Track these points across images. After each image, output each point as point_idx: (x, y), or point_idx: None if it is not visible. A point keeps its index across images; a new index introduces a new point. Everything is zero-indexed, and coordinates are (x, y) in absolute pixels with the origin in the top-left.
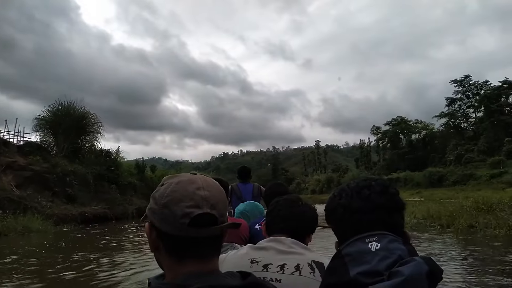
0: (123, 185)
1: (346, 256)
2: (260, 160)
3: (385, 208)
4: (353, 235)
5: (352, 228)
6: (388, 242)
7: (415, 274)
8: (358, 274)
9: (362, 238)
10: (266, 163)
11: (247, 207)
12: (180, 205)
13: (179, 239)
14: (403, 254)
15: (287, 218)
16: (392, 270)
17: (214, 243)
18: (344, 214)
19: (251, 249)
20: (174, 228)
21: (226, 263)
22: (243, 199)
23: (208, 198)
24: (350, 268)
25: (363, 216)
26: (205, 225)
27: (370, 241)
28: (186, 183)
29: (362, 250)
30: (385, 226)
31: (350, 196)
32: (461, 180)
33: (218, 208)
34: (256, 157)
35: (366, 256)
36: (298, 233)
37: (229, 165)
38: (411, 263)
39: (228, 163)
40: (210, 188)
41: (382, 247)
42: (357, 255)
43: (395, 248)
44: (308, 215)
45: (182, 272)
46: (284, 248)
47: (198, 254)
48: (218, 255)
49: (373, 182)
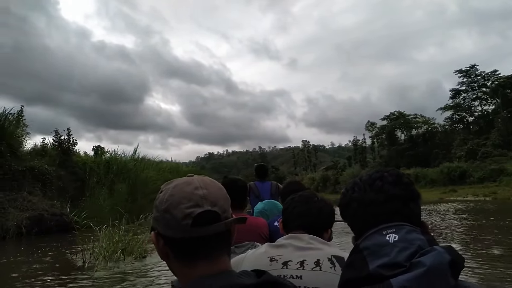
0: (17, 173)
1: (364, 250)
2: (246, 160)
3: (399, 198)
4: (369, 228)
5: (368, 222)
6: (406, 233)
7: (438, 263)
8: (378, 267)
9: (379, 230)
10: (253, 163)
11: (266, 206)
12: (180, 207)
13: (186, 241)
14: (422, 244)
15: (303, 214)
16: (413, 261)
17: (222, 241)
18: (358, 208)
19: (270, 247)
20: (178, 231)
21: (245, 263)
22: (261, 197)
23: (207, 196)
24: (370, 262)
25: (378, 208)
26: (208, 223)
27: (388, 233)
28: (183, 185)
29: (380, 242)
30: (401, 216)
31: (363, 189)
32: (489, 176)
33: (219, 204)
34: (242, 157)
35: (385, 248)
36: (315, 229)
37: (214, 165)
38: (432, 252)
39: (214, 163)
40: (208, 186)
41: (401, 238)
42: (375, 248)
43: (414, 239)
44: (324, 210)
45: (194, 275)
46: (302, 244)
47: (207, 255)
48: (227, 254)
49: (385, 173)
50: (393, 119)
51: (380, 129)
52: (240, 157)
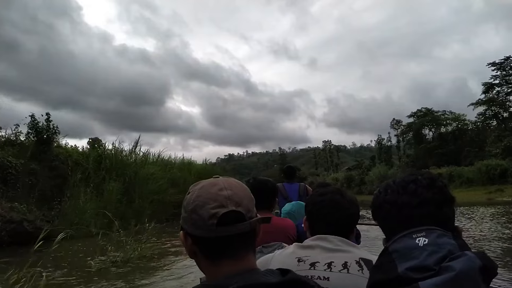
0: None
1: (393, 253)
2: (267, 161)
3: (433, 201)
4: (401, 231)
5: (400, 224)
6: (436, 237)
7: (468, 269)
8: (407, 270)
9: (409, 234)
10: (273, 164)
11: (294, 208)
12: (206, 208)
13: (212, 241)
14: (453, 248)
15: (329, 216)
16: (442, 265)
17: (246, 240)
18: (391, 210)
19: (298, 248)
20: (205, 230)
21: (273, 262)
22: (289, 199)
23: (231, 197)
24: (398, 264)
25: (411, 211)
26: (233, 223)
27: (418, 237)
28: (208, 186)
29: (409, 245)
30: (434, 220)
31: (397, 192)
32: None
33: (243, 205)
34: (262, 158)
35: (414, 251)
36: (341, 230)
37: (235, 167)
38: (463, 257)
39: (234, 165)
40: (232, 187)
41: (430, 242)
42: (404, 251)
43: (445, 243)
44: (350, 211)
45: (220, 273)
46: (330, 246)
47: (232, 253)
48: (252, 253)
49: (419, 176)
50: (420, 116)
51: (406, 127)
52: (260, 158)
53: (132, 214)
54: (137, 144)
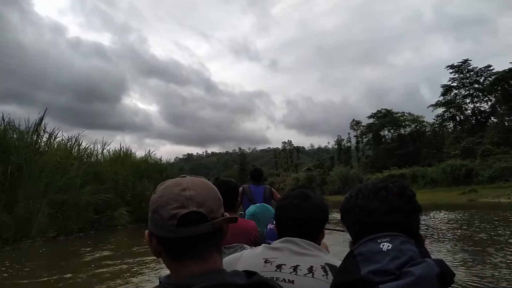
0: None
1: (358, 256)
2: (226, 161)
3: (402, 210)
4: (368, 235)
5: (368, 229)
6: (400, 243)
7: (426, 275)
8: (369, 273)
9: (375, 238)
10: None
11: (258, 210)
12: (166, 208)
13: (174, 241)
14: (414, 255)
15: (290, 220)
16: (403, 270)
17: (210, 241)
18: (360, 214)
19: (266, 249)
20: (166, 231)
21: (241, 262)
22: (254, 201)
23: (193, 197)
24: (362, 267)
25: (380, 218)
26: (194, 224)
27: (382, 242)
28: (172, 186)
29: (373, 250)
30: (401, 228)
31: (368, 197)
32: (500, 175)
33: (206, 205)
34: (222, 158)
35: (377, 255)
36: (305, 234)
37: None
38: (422, 264)
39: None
40: (196, 187)
41: (394, 247)
42: (368, 254)
43: (407, 249)
44: (312, 215)
45: (185, 273)
46: (298, 249)
47: (195, 254)
48: (217, 253)
49: (390, 184)
50: (380, 117)
51: (366, 127)
52: (220, 158)
53: (12, 224)
54: (41, 120)
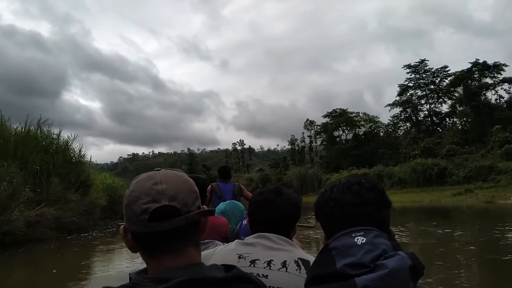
0: None
1: (333, 250)
2: (174, 162)
3: (374, 203)
4: (342, 229)
5: (342, 222)
6: (373, 237)
7: (399, 267)
8: (344, 266)
9: (349, 232)
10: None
11: (228, 207)
12: (138, 203)
13: (147, 236)
14: (387, 248)
15: (263, 216)
16: (377, 263)
17: (184, 235)
18: (334, 207)
19: (239, 245)
20: (138, 226)
21: (214, 258)
22: (224, 198)
23: (165, 191)
24: (337, 261)
25: (353, 210)
26: (166, 218)
27: (356, 236)
28: (144, 180)
29: (348, 243)
30: (373, 221)
31: (342, 191)
32: (476, 176)
33: (179, 199)
34: (170, 159)
35: (352, 249)
36: (277, 229)
37: (139, 167)
38: (396, 257)
39: (138, 165)
40: (169, 181)
41: (368, 241)
42: (343, 248)
43: (380, 243)
44: (285, 210)
45: (161, 267)
46: (271, 244)
47: (170, 248)
48: (193, 247)
49: (363, 179)
50: (336, 117)
51: (321, 127)
52: (168, 158)
53: None
54: None
